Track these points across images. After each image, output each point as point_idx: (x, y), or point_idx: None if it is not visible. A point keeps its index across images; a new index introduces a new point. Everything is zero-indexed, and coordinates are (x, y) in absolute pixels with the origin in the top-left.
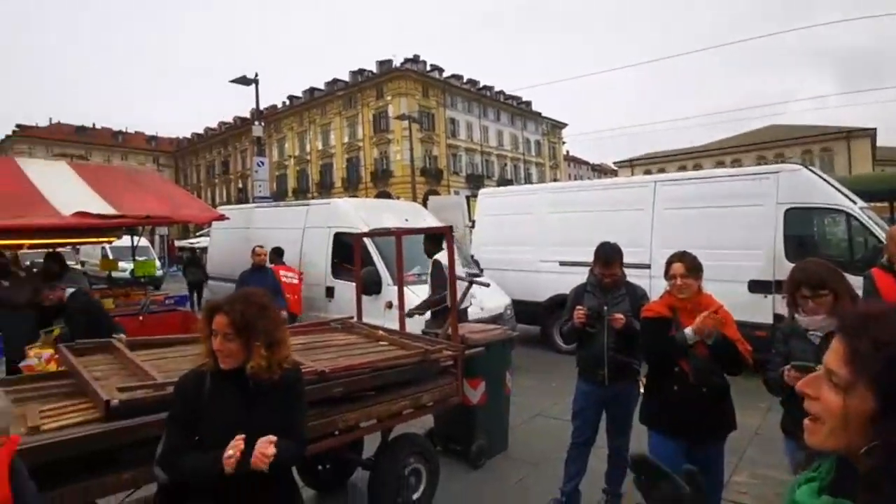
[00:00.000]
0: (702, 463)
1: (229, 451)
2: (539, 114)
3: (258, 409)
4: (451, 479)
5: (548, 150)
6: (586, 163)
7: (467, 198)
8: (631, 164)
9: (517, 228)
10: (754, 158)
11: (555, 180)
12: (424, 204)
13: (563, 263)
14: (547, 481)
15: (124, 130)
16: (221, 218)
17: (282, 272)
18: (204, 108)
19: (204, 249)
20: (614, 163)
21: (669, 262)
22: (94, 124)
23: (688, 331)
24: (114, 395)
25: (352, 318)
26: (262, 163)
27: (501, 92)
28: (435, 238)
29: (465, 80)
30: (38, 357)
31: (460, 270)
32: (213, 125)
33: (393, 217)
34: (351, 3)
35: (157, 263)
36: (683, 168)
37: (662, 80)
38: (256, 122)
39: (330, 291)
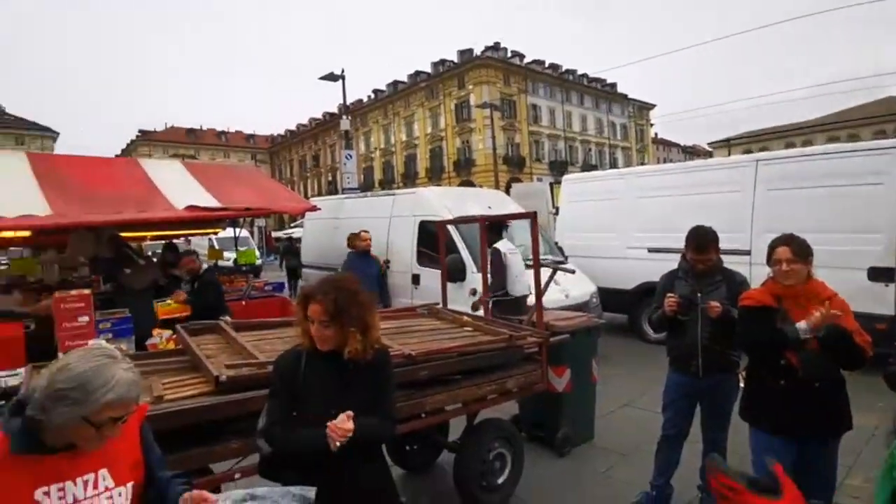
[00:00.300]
0: (811, 464)
1: (332, 433)
2: (625, 96)
3: (351, 388)
4: (536, 466)
5: (634, 133)
6: (676, 145)
7: (551, 185)
8: (728, 144)
9: (603, 214)
10: (871, 134)
11: (642, 164)
12: (507, 192)
13: (651, 250)
14: (636, 473)
15: (227, 130)
16: (314, 209)
17: None
18: (296, 105)
19: (298, 239)
20: (709, 144)
21: (773, 247)
22: (201, 126)
23: (802, 324)
24: (222, 371)
25: (437, 304)
26: (350, 155)
27: (584, 75)
28: (495, 227)
29: (546, 65)
30: (160, 336)
31: (519, 258)
32: (304, 121)
33: (476, 205)
34: None
35: (257, 253)
36: (792, 146)
37: (760, 53)
38: (344, 117)
39: (415, 279)
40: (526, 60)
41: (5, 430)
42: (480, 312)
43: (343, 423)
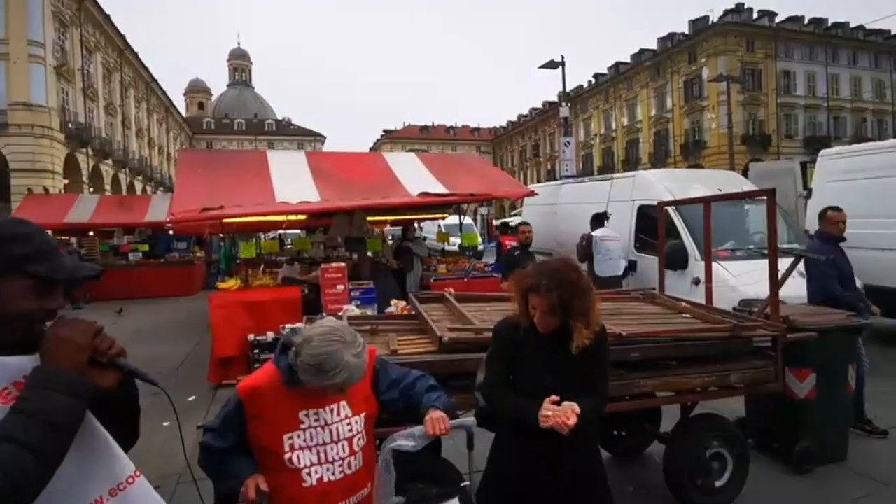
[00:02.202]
0: None
1: (546, 412)
2: None
3: (567, 365)
4: (765, 479)
5: None
6: None
7: (802, 164)
8: None
9: (872, 196)
10: None
11: None
12: (745, 174)
13: None
14: None
15: (454, 125)
16: (531, 194)
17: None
18: (518, 97)
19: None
20: None
21: None
22: (433, 123)
23: None
24: (446, 333)
25: (654, 289)
26: (569, 143)
27: (860, 27)
28: (597, 218)
29: (806, 22)
30: (396, 306)
31: (616, 244)
32: (525, 112)
33: (703, 187)
34: None
35: (479, 238)
36: None
37: None
38: (563, 104)
39: (632, 265)
40: (778, 19)
41: (276, 364)
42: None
43: (568, 419)
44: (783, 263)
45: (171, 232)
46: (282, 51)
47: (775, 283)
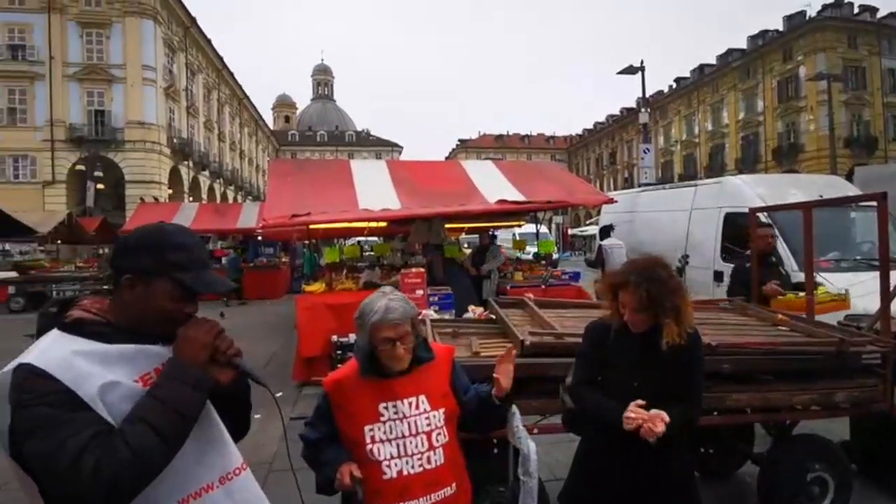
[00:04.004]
0: None
1: (630, 415)
2: None
3: (658, 365)
4: None
5: None
6: None
7: None
8: None
9: None
10: None
11: None
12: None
13: None
14: None
15: (529, 134)
16: (610, 201)
17: None
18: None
19: (592, 237)
20: None
21: None
22: (507, 132)
23: None
24: (527, 337)
25: (745, 299)
26: (648, 149)
27: None
28: (603, 230)
29: None
30: (474, 312)
31: (621, 251)
32: (601, 119)
33: (801, 193)
34: None
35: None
36: None
37: None
38: (642, 110)
39: (718, 276)
40: (880, 14)
41: (356, 356)
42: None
43: (656, 426)
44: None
45: (259, 238)
46: (361, 62)
47: (886, 295)
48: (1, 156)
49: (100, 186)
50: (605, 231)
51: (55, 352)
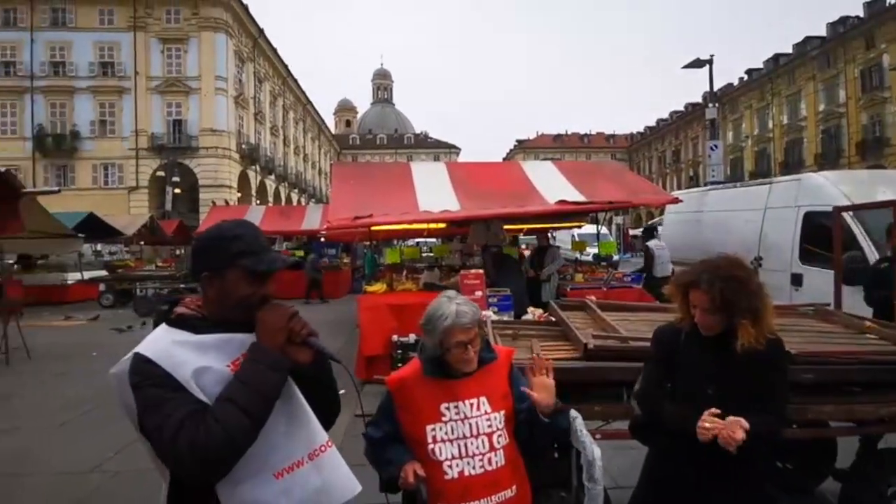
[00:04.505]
0: None
1: (706, 424)
2: None
3: (735, 373)
4: None
5: None
6: None
7: None
8: None
9: None
10: None
11: None
12: None
13: None
14: None
15: (589, 133)
16: (675, 201)
17: None
18: (656, 101)
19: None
20: None
21: None
22: (566, 131)
23: None
24: (590, 340)
25: (828, 305)
26: (716, 146)
27: None
28: (647, 231)
29: None
30: (533, 314)
31: (665, 252)
32: (664, 116)
33: (891, 190)
34: None
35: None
36: None
37: None
38: (710, 105)
39: (796, 279)
40: None
41: (419, 357)
42: None
43: (735, 433)
44: None
45: (322, 239)
46: (419, 64)
47: None
48: (94, 164)
49: (177, 191)
50: (650, 232)
51: (158, 342)
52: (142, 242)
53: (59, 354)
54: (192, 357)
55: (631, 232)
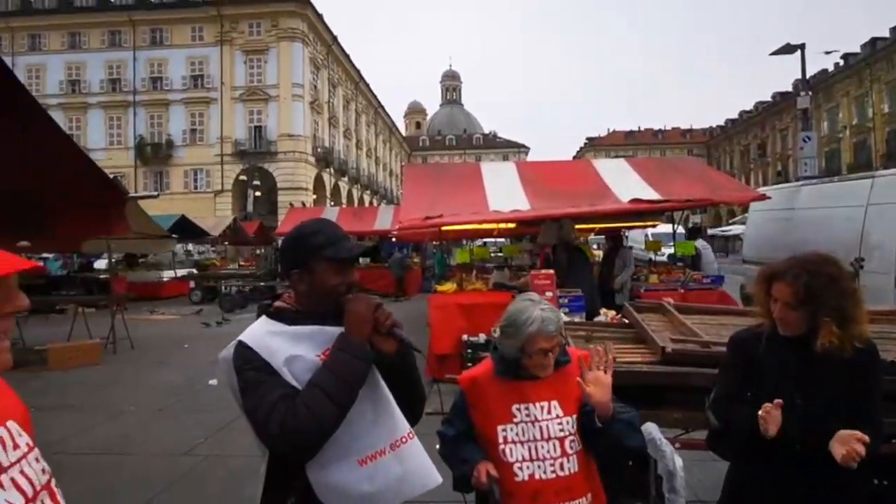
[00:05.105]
0: None
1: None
2: None
3: (822, 381)
4: None
5: None
6: None
7: None
8: None
9: None
10: None
11: None
12: None
13: None
14: None
15: (663, 128)
16: (762, 198)
17: None
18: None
19: (736, 237)
20: None
21: None
22: (639, 127)
23: None
24: (668, 344)
25: None
26: (809, 138)
27: None
28: (694, 230)
29: None
30: (606, 315)
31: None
32: (748, 107)
33: None
34: None
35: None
36: None
37: None
38: (802, 93)
39: None
40: None
41: (491, 356)
42: None
43: (858, 446)
44: None
45: (393, 239)
46: (487, 64)
47: None
48: (185, 170)
49: (257, 194)
50: (695, 232)
51: (256, 332)
52: (226, 242)
53: (156, 345)
54: (285, 346)
55: (710, 231)
